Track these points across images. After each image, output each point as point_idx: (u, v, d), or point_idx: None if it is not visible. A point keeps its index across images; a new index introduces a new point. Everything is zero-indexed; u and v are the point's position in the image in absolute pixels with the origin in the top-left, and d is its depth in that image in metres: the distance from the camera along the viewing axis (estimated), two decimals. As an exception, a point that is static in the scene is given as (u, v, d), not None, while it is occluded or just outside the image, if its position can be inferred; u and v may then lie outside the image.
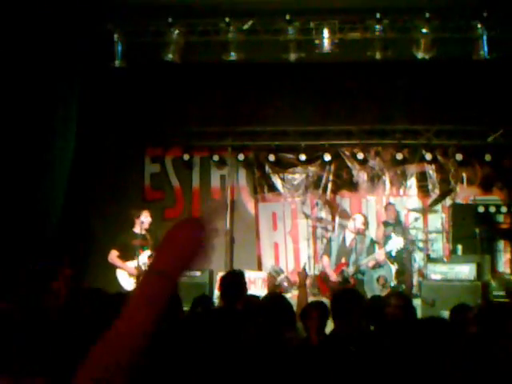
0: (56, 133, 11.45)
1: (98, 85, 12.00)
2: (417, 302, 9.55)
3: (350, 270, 11.18)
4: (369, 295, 10.05)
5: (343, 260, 11.37)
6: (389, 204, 12.35)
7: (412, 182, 12.83)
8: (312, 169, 13.00)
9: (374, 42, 10.42)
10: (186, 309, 6.09)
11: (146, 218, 10.93)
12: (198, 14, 10.59)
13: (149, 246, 10.72)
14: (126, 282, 10.64)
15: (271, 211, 13.22)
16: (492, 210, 11.50)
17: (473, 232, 11.22)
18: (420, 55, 10.28)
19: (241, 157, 12.87)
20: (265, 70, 11.89)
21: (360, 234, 11.45)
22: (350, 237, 11.61)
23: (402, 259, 11.48)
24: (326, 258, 11.61)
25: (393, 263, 11.43)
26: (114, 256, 10.74)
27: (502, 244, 11.59)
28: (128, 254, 10.71)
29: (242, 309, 6.04)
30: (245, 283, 6.60)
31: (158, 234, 10.81)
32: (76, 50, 11.03)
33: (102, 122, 12.47)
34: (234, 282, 6.34)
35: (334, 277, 11.20)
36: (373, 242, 11.61)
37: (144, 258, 10.63)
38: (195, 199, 13.18)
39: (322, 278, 11.43)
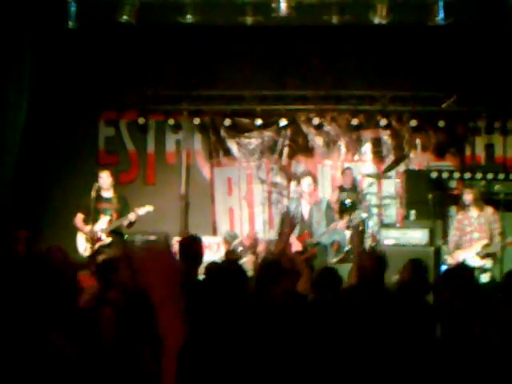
0: (8, 95, 11.22)
1: (51, 46, 11.77)
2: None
3: (313, 239, 11.09)
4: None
5: (306, 231, 11.26)
6: (346, 169, 12.34)
7: (367, 147, 12.91)
8: (268, 133, 12.99)
9: (331, 7, 10.39)
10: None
11: (102, 179, 10.61)
12: (153, -25, 10.44)
13: (112, 209, 10.51)
14: (82, 246, 10.47)
15: (226, 176, 13.18)
16: (445, 175, 11.61)
17: (426, 198, 11.34)
18: (377, 20, 10.29)
19: (196, 121, 12.79)
20: (221, 33, 11.75)
21: (316, 203, 11.30)
22: (306, 207, 11.50)
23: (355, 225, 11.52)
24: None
25: (347, 228, 11.48)
26: (78, 219, 10.52)
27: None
28: (90, 218, 10.46)
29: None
30: (202, 248, 6.55)
31: (127, 200, 10.67)
32: (28, 11, 10.77)
33: (56, 85, 12.26)
34: (194, 246, 6.29)
35: (297, 245, 10.94)
36: (330, 207, 11.55)
37: (103, 223, 10.45)
38: (150, 163, 13.10)
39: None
